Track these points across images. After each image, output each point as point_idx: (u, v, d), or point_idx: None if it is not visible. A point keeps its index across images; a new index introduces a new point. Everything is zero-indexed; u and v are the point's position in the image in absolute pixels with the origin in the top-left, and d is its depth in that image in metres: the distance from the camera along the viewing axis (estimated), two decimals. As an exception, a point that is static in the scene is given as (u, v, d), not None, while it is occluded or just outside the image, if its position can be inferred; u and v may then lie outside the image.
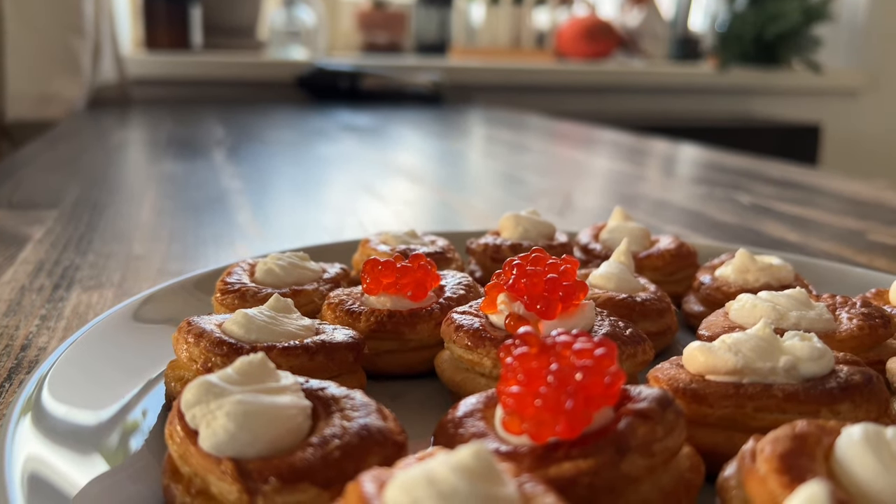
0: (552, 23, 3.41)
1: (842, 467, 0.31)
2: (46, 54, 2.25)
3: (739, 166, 1.64)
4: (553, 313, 0.46)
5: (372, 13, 3.17)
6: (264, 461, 0.33)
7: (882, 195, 1.30)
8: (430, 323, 0.53)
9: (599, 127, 2.37)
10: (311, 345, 0.46)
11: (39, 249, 0.84)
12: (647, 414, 0.34)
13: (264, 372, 0.37)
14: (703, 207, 1.18)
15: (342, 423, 0.36)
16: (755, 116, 3.22)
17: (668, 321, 0.58)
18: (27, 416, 0.40)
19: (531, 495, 0.29)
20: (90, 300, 0.68)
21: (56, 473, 0.37)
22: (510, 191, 1.35)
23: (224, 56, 2.82)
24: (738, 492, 0.33)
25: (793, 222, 1.07)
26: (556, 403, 0.32)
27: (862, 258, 0.87)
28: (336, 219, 1.08)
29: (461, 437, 0.36)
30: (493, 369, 0.46)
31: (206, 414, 0.35)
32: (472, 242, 0.71)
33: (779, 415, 0.39)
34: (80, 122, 2.16)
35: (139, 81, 2.66)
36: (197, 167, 1.45)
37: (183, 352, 0.45)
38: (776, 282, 0.61)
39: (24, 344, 0.58)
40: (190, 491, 0.35)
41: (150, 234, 0.94)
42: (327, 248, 0.75)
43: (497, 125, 2.43)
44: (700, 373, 0.42)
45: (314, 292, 0.59)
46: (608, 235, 0.73)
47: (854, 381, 0.40)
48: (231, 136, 1.90)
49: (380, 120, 2.37)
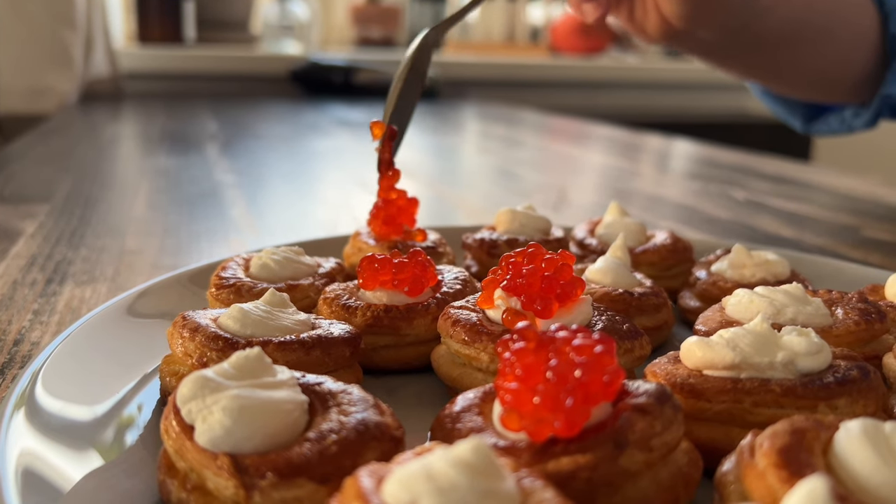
0: (546, 18, 3.41)
1: (840, 462, 0.31)
2: (38, 47, 2.23)
3: (734, 162, 1.64)
4: (550, 312, 0.46)
5: (366, 7, 3.16)
6: (261, 456, 0.33)
7: (876, 191, 1.30)
8: (426, 318, 0.53)
9: (594, 122, 2.37)
10: (307, 340, 0.45)
11: (32, 244, 0.83)
12: (646, 409, 0.34)
13: (260, 367, 0.37)
14: (698, 203, 1.18)
15: (339, 418, 0.36)
16: (749, 112, 3.23)
17: (665, 316, 0.58)
18: (21, 411, 0.40)
19: (530, 490, 0.29)
20: (83, 295, 0.68)
21: (50, 469, 0.36)
22: (504, 186, 1.35)
23: (217, 50, 2.81)
24: (736, 486, 0.33)
25: (787, 218, 1.07)
26: (555, 401, 0.32)
27: (857, 254, 0.88)
28: (330, 213, 1.08)
29: (459, 431, 0.36)
30: (490, 364, 0.46)
31: (202, 409, 0.34)
32: (468, 237, 0.71)
33: (776, 409, 0.39)
34: (73, 116, 2.14)
35: (132, 75, 2.64)
36: (190, 161, 1.44)
37: (178, 346, 0.45)
38: (772, 277, 0.61)
39: (16, 339, 0.58)
40: (186, 486, 0.35)
41: (143, 228, 0.93)
42: (322, 242, 0.74)
43: (491, 120, 2.43)
44: (697, 368, 0.42)
45: (310, 287, 0.59)
46: (604, 230, 0.73)
47: (851, 375, 0.40)
48: (224, 131, 1.89)
49: (374, 114, 2.35)
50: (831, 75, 0.97)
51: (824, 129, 1.08)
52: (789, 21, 0.88)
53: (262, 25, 3.03)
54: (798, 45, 0.91)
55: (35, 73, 2.24)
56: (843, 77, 0.97)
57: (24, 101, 2.23)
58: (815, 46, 0.92)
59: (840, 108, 1.05)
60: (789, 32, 0.89)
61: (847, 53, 0.95)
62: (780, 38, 0.89)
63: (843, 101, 1.03)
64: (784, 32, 0.89)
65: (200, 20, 2.83)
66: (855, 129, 1.04)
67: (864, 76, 0.97)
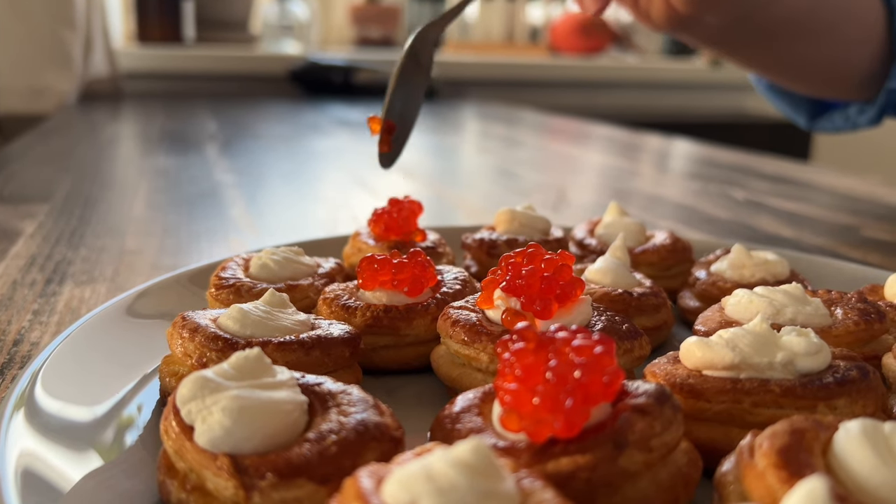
0: (546, 18, 3.41)
1: (840, 462, 0.31)
2: (37, 47, 2.23)
3: (733, 162, 1.64)
4: (550, 314, 0.46)
5: (365, 7, 3.16)
6: (261, 457, 0.33)
7: (875, 190, 1.30)
8: (426, 318, 0.53)
9: (593, 122, 2.37)
10: (307, 340, 0.45)
11: (31, 244, 0.83)
12: (645, 409, 0.34)
13: (260, 367, 0.37)
14: (697, 203, 1.18)
15: (339, 419, 0.36)
16: (749, 112, 3.23)
17: (665, 316, 0.58)
18: (20, 411, 0.40)
19: (529, 490, 0.29)
20: (83, 295, 0.68)
21: (50, 469, 0.36)
22: (504, 185, 1.35)
23: (217, 50, 2.81)
24: (735, 486, 0.33)
25: (786, 218, 1.07)
26: (554, 401, 0.32)
27: (856, 253, 0.88)
28: (330, 213, 1.08)
29: (458, 432, 0.36)
30: (489, 364, 0.46)
31: (202, 409, 0.34)
32: (468, 237, 0.71)
33: (776, 410, 0.39)
34: (72, 116, 2.14)
35: (131, 75, 2.64)
36: (190, 161, 1.44)
37: (178, 347, 0.45)
38: (772, 277, 0.61)
39: (16, 339, 0.58)
40: (185, 487, 0.35)
41: (142, 228, 0.93)
42: (322, 242, 0.74)
43: (491, 120, 2.43)
44: (697, 368, 0.42)
45: (309, 287, 0.59)
46: (604, 230, 0.73)
47: (851, 376, 0.40)
48: (224, 131, 1.89)
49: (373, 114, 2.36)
50: (837, 70, 0.97)
51: (829, 126, 1.08)
52: (796, 11, 0.88)
53: (261, 25, 3.03)
54: (804, 37, 0.91)
55: (34, 73, 2.24)
56: (848, 72, 0.97)
57: (24, 100, 2.23)
58: (821, 39, 0.92)
59: (845, 104, 1.05)
60: (795, 24, 0.89)
61: (853, 48, 0.94)
62: (785, 28, 0.89)
63: (848, 97, 1.03)
64: (790, 23, 0.89)
65: (200, 20, 2.83)
66: (859, 126, 1.04)
67: (869, 72, 0.97)
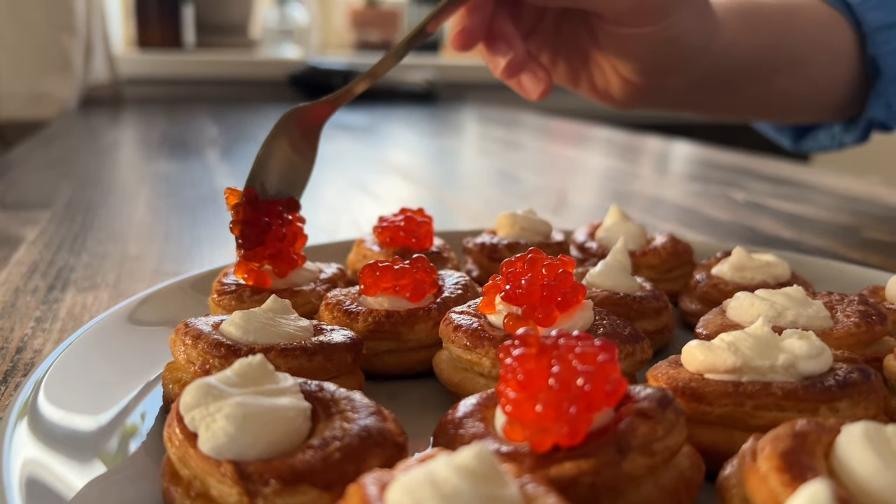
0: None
1: (842, 465, 0.31)
2: (38, 53, 2.24)
3: (733, 163, 1.64)
4: (551, 321, 0.46)
5: (364, 11, 3.17)
6: (264, 463, 0.33)
7: (876, 191, 1.31)
8: (428, 323, 0.53)
9: (593, 124, 2.37)
10: (309, 346, 0.45)
11: (33, 250, 0.84)
12: (648, 413, 0.34)
13: (263, 373, 0.37)
14: (698, 204, 1.18)
15: (342, 425, 0.36)
16: (748, 113, 3.22)
17: (666, 319, 0.58)
18: (24, 419, 0.40)
19: (533, 496, 0.29)
20: (85, 301, 0.68)
21: (54, 477, 0.36)
22: (504, 189, 1.35)
23: (216, 55, 2.81)
24: (738, 490, 0.33)
25: (787, 219, 1.07)
26: (558, 409, 0.32)
27: (856, 255, 0.88)
28: (331, 218, 1.08)
29: (461, 437, 0.36)
30: (491, 369, 0.46)
31: (206, 416, 0.35)
32: (469, 242, 0.71)
33: (778, 413, 0.39)
34: (73, 122, 2.15)
35: (131, 80, 2.65)
36: (190, 166, 1.44)
37: (181, 354, 0.45)
38: (773, 279, 0.61)
39: (19, 346, 0.58)
40: (189, 494, 0.35)
41: (144, 234, 0.93)
42: (323, 247, 0.74)
43: (491, 123, 2.43)
44: (699, 371, 0.42)
45: (311, 293, 0.59)
46: (605, 234, 0.73)
47: (852, 378, 0.40)
48: (224, 135, 1.90)
49: (373, 118, 2.36)
50: (813, 100, 0.95)
51: (814, 145, 1.07)
52: (757, 52, 0.85)
53: (261, 30, 3.04)
54: (772, 74, 0.88)
55: (35, 79, 2.25)
56: (824, 101, 0.95)
57: (25, 107, 2.23)
58: (791, 73, 0.90)
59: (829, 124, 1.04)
60: (758, 66, 0.87)
61: (825, 77, 0.92)
62: (751, 71, 0.87)
63: (830, 121, 1.02)
64: (754, 67, 0.87)
65: (200, 25, 2.84)
66: (846, 145, 1.02)
67: (847, 97, 0.95)
